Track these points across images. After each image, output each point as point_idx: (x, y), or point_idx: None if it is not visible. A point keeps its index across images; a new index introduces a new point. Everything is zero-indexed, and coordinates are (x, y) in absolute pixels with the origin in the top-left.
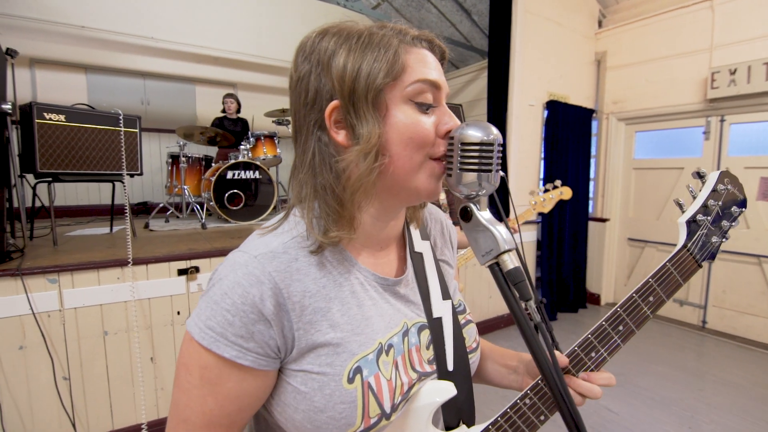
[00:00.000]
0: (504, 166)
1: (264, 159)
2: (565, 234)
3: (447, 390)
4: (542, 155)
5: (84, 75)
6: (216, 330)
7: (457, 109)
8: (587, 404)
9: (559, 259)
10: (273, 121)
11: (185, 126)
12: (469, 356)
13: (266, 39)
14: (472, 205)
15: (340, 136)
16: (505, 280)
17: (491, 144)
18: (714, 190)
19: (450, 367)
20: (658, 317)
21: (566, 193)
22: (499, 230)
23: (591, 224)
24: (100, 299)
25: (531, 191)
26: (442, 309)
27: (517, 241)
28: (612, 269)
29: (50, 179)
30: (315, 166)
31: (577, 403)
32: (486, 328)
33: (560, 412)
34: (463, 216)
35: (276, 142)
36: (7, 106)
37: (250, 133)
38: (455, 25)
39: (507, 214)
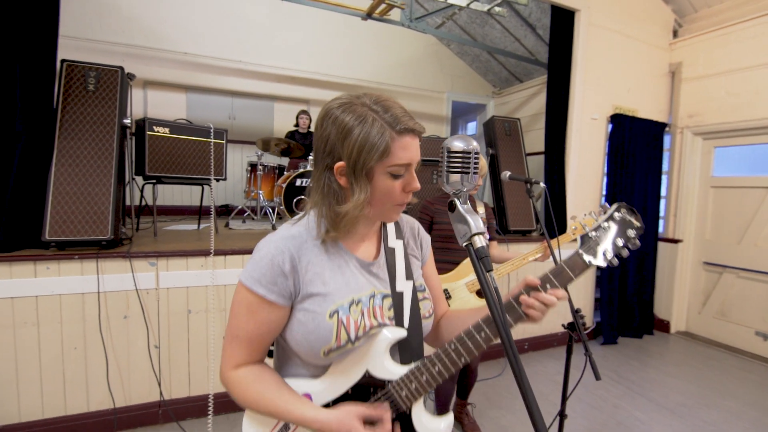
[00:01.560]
0: (561, 182)
1: None
2: (631, 252)
3: (400, 332)
4: (605, 171)
5: (185, 94)
6: (255, 278)
7: (515, 124)
8: None
9: (623, 280)
10: None
11: (263, 138)
12: (423, 321)
13: (337, 59)
14: (455, 200)
15: (342, 180)
16: (476, 255)
17: (469, 153)
18: (611, 216)
19: (405, 325)
20: (739, 351)
21: None
22: (473, 219)
23: (661, 245)
24: (186, 282)
25: (572, 216)
26: (404, 286)
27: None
28: (684, 295)
29: (155, 181)
30: (325, 193)
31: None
32: (539, 344)
33: (506, 355)
34: (450, 208)
35: None
36: (127, 121)
37: None
38: (519, 40)
39: (552, 234)
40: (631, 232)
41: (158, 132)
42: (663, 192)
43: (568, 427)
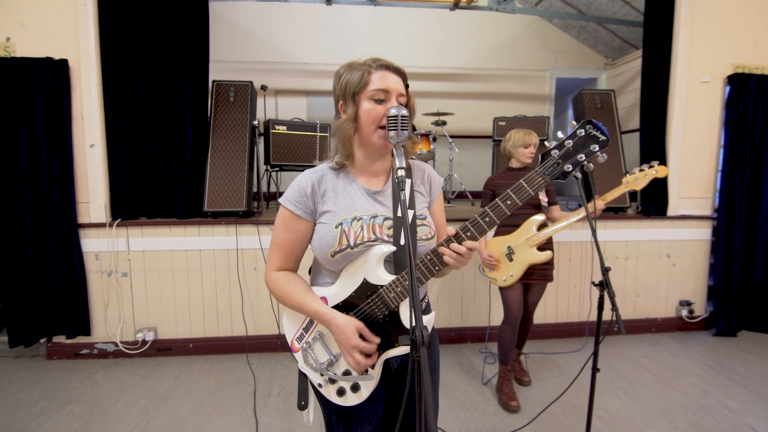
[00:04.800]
0: (661, 160)
1: (420, 154)
2: (760, 233)
3: (388, 247)
4: (721, 142)
5: (305, 98)
6: (288, 198)
7: (608, 96)
8: (729, 422)
9: (747, 266)
10: (432, 123)
11: None
12: (418, 242)
13: (433, 52)
14: (393, 149)
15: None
16: (397, 179)
17: (397, 116)
18: (573, 134)
19: (401, 242)
20: None
21: (661, 171)
22: (400, 159)
23: None
24: None
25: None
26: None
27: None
28: None
29: (278, 169)
30: (337, 131)
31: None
32: (633, 328)
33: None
34: (392, 154)
35: (431, 139)
36: (255, 122)
37: None
38: (629, 3)
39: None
40: (594, 147)
41: (278, 130)
42: None
43: (639, 404)
